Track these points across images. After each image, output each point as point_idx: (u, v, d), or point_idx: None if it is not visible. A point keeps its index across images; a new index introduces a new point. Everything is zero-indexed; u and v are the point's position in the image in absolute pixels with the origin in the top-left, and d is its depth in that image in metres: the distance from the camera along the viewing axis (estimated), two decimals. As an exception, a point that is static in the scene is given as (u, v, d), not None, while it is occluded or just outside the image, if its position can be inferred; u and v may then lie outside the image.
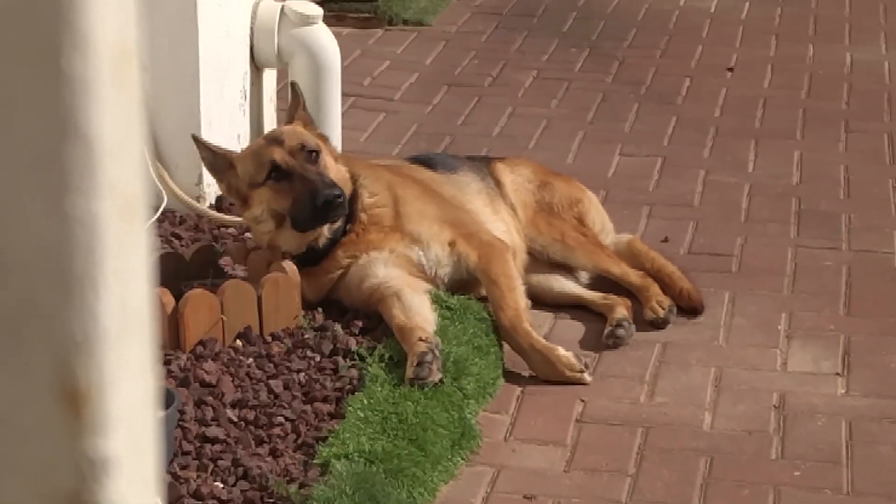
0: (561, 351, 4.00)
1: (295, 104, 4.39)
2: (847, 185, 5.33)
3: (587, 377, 3.97)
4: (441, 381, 3.74)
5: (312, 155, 4.17)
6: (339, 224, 4.20)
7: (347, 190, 4.19)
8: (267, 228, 4.18)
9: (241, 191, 4.22)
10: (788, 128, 5.88)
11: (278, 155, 4.14)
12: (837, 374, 4.06)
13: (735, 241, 4.88)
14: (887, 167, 5.50)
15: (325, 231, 4.19)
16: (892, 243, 4.86)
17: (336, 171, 4.22)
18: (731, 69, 6.58)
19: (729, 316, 4.39)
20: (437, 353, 3.78)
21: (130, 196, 0.33)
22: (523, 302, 4.13)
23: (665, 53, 6.79)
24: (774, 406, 3.89)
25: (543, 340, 4.04)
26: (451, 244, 4.22)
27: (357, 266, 4.18)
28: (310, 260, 4.19)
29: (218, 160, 4.28)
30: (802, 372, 4.08)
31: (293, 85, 4.51)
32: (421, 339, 3.80)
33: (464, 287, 4.25)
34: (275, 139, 4.24)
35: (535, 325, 4.11)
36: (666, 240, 4.86)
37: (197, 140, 4.33)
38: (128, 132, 0.33)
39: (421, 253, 4.21)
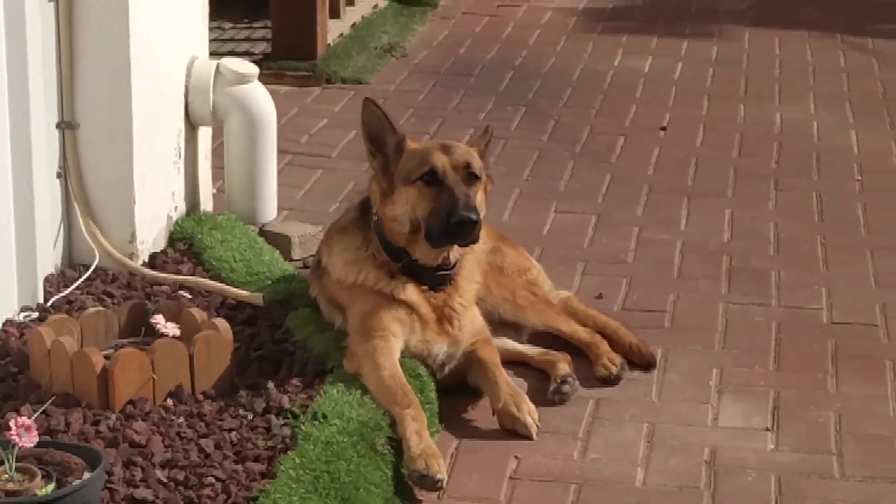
0: (527, 399, 4.03)
1: (484, 139, 4.27)
2: (777, 243, 5.36)
3: (535, 434, 3.95)
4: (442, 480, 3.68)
5: (472, 177, 4.07)
6: (455, 258, 4.13)
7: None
8: (401, 230, 4.08)
9: (392, 179, 4.11)
10: (720, 186, 5.92)
11: (440, 161, 4.04)
12: (767, 429, 4.06)
13: (667, 298, 4.89)
14: (816, 225, 5.54)
15: (455, 252, 4.11)
16: (821, 300, 4.89)
17: (481, 205, 4.11)
18: (664, 128, 6.62)
19: (661, 372, 4.38)
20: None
21: None
22: None
23: (600, 112, 6.83)
24: (706, 461, 3.87)
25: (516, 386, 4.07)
26: (473, 343, 4.18)
27: (392, 297, 4.10)
28: (417, 271, 4.12)
29: (389, 136, 4.13)
30: (733, 427, 4.07)
31: (488, 127, 4.36)
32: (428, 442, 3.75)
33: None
34: (446, 148, 4.12)
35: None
36: (600, 296, 4.86)
37: (373, 103, 4.17)
38: None
39: (445, 349, 4.15)
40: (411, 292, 4.09)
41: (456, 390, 4.17)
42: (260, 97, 5.13)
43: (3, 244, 4.28)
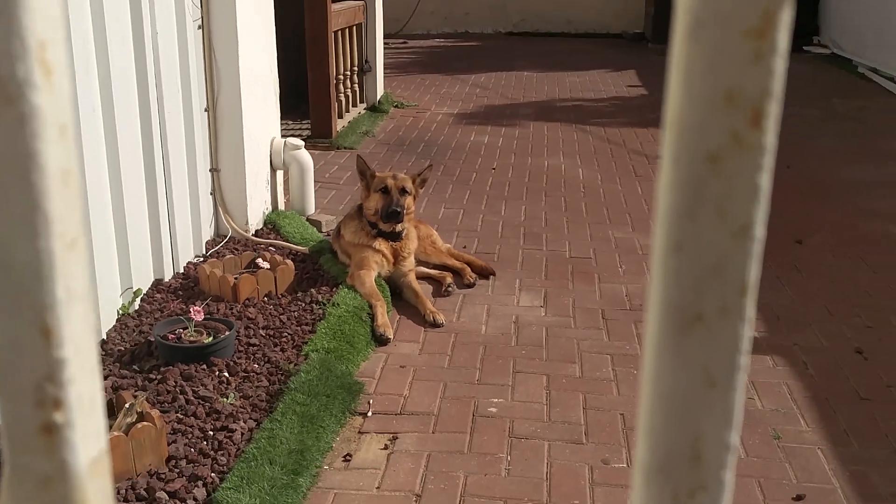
0: (430, 305, 3.92)
1: (422, 177, 4.14)
2: (546, 221, 5.38)
3: (390, 337, 3.62)
4: (390, 338, 3.62)
5: (404, 191, 4.02)
6: (399, 229, 4.05)
7: (409, 221, 4.07)
8: (372, 214, 4.02)
9: (369, 189, 4.04)
10: (519, 195, 5.92)
11: (390, 182, 4.00)
12: (541, 306, 4.10)
13: (496, 247, 4.90)
14: (563, 212, 5.56)
15: (397, 227, 4.05)
16: (566, 246, 4.92)
17: (410, 206, 4.05)
18: (494, 168, 6.62)
19: (494, 281, 4.40)
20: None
21: (71, 238, 0.34)
22: None
23: (465, 162, 6.79)
24: (513, 322, 3.93)
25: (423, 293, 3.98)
26: (410, 270, 4.10)
27: (373, 248, 4.03)
28: (385, 234, 4.05)
29: (367, 171, 4.05)
30: (525, 306, 4.11)
31: (430, 166, 4.26)
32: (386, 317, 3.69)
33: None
34: (395, 177, 4.05)
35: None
36: (465, 247, 4.85)
37: (360, 157, 4.08)
38: (69, 208, 0.34)
39: (395, 271, 4.07)
40: (381, 245, 4.08)
41: (397, 296, 4.15)
42: (305, 156, 5.07)
43: (186, 227, 4.22)
